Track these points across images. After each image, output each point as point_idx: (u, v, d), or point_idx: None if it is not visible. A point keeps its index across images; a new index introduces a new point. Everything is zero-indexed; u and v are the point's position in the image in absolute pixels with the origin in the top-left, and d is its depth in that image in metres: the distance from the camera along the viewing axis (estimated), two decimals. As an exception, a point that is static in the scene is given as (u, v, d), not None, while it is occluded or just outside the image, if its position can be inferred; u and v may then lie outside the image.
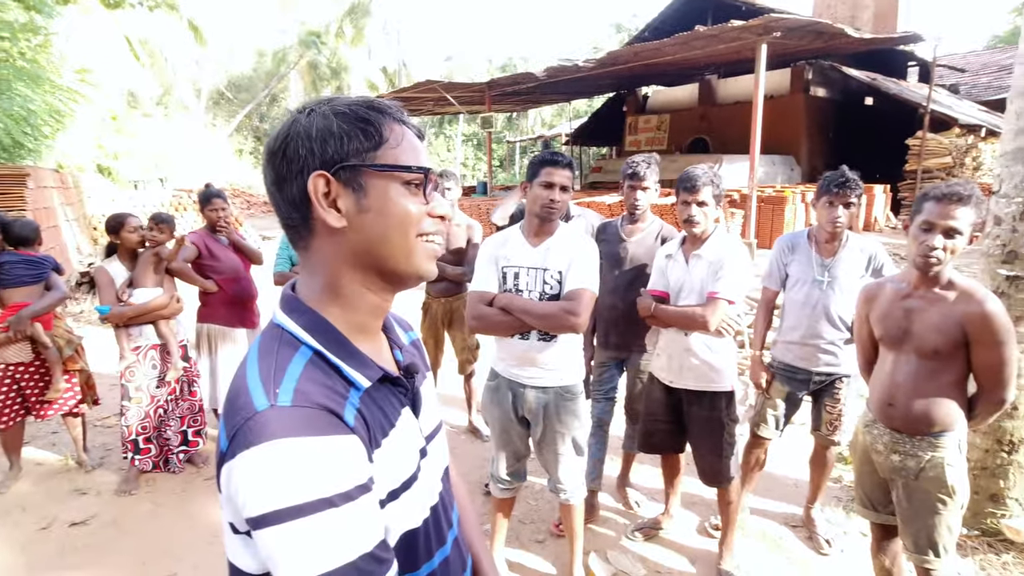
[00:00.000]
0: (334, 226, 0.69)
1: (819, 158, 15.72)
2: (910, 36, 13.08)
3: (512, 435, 2.24)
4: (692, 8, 15.49)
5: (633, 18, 34.94)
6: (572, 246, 2.08)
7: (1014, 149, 2.50)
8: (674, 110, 17.92)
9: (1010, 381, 1.72)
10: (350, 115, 0.70)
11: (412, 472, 0.74)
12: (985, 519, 2.69)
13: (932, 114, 12.59)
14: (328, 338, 0.70)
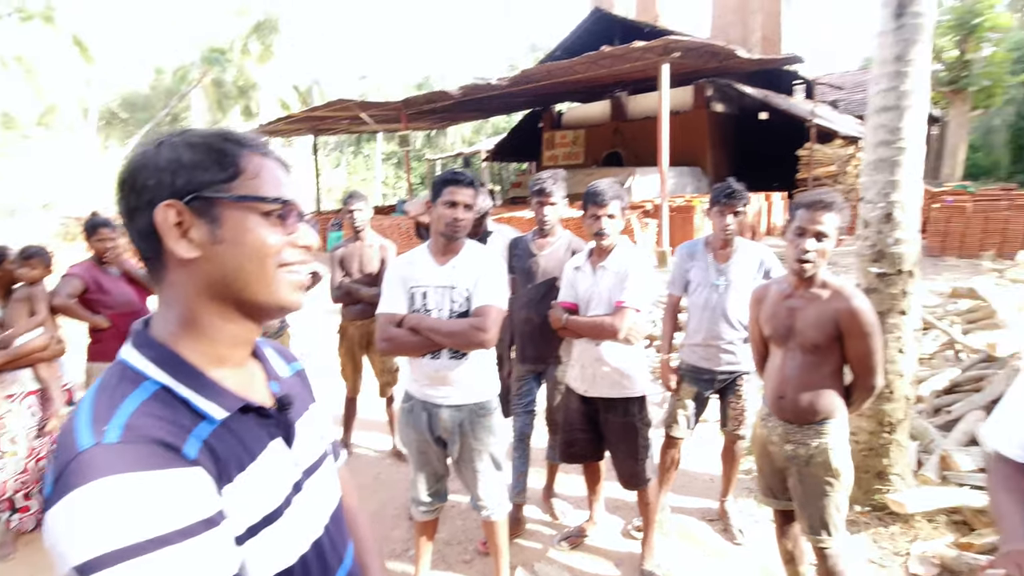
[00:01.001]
0: (185, 257, 0.68)
1: (724, 168, 16.76)
2: (792, 58, 14.32)
3: (430, 456, 2.22)
4: (601, 29, 16.20)
5: (547, 38, 36.08)
6: (478, 263, 2.10)
7: (875, 160, 2.78)
8: (588, 125, 18.58)
9: (878, 368, 1.89)
10: (203, 146, 0.70)
11: (277, 506, 0.71)
12: (874, 495, 2.94)
13: (817, 127, 13.78)
14: (178, 371, 0.68)
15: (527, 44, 38.76)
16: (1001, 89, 17.74)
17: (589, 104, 18.82)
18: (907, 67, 2.67)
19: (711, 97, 16.53)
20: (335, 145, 33.03)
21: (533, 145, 20.59)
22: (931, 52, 4.89)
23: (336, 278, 3.52)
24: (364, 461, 3.83)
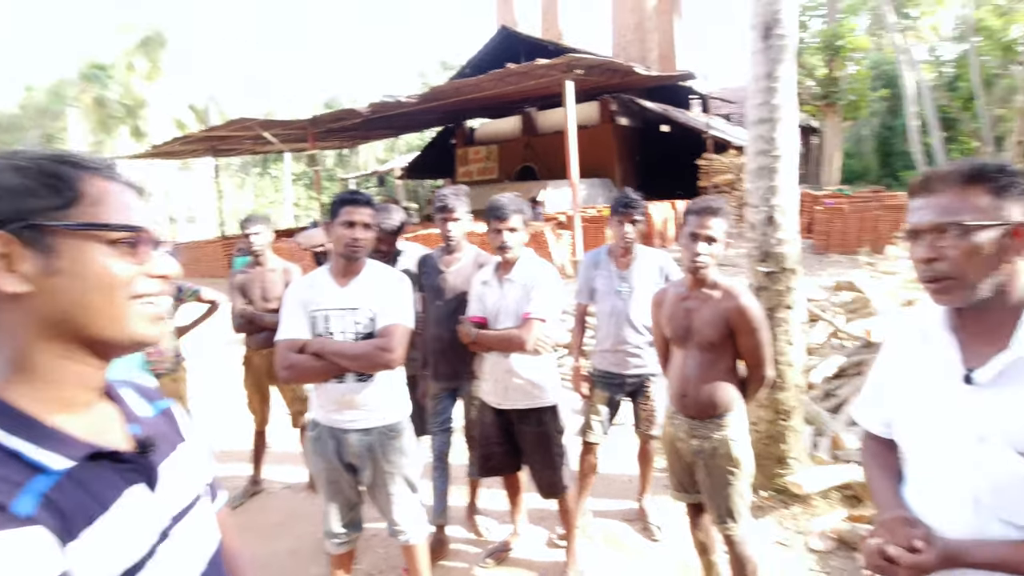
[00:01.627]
0: (13, 292, 0.61)
1: (631, 179, 17.55)
2: (687, 74, 15.30)
3: (341, 484, 2.13)
4: (507, 47, 16.57)
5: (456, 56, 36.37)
6: (381, 283, 2.06)
7: (756, 168, 3.01)
8: (501, 141, 18.89)
9: (768, 360, 2.03)
10: (33, 170, 0.63)
11: (140, 558, 0.66)
12: (776, 480, 3.13)
13: (713, 138, 14.76)
14: (7, 421, 0.61)
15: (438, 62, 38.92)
16: (865, 103, 19.87)
17: (500, 120, 19.15)
18: (776, 83, 2.91)
19: (616, 112, 17.31)
20: (240, 166, 31.44)
21: (447, 162, 20.64)
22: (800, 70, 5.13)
23: (237, 306, 3.33)
24: (278, 497, 3.62)
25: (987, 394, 0.98)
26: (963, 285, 0.97)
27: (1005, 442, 0.95)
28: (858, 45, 18.57)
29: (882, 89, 25.10)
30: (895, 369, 1.17)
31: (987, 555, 0.96)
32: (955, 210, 0.97)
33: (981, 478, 0.99)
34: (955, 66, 26.52)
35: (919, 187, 1.04)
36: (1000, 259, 0.96)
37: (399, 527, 2.18)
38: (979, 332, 1.02)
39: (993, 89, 21.08)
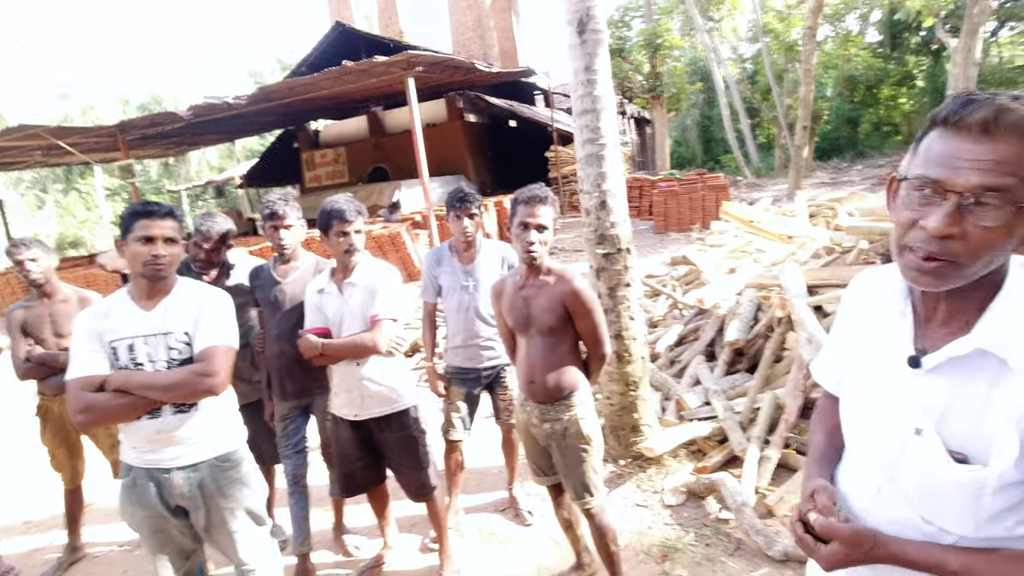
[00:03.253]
0: None
1: (485, 175, 17.84)
2: (527, 71, 15.84)
3: (169, 532, 1.88)
4: (344, 44, 15.93)
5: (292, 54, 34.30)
6: (195, 301, 1.84)
7: (584, 156, 3.17)
8: (348, 142, 18.17)
9: (605, 339, 2.13)
10: None
11: None
12: (632, 447, 3.35)
13: (557, 131, 15.46)
14: None
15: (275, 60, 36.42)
16: (684, 95, 22.08)
17: (346, 120, 18.41)
18: (595, 75, 3.08)
19: (463, 108, 17.44)
20: (34, 181, 26.87)
21: (292, 167, 19.43)
22: (628, 65, 5.47)
23: (20, 349, 2.79)
24: (105, 561, 3.14)
25: (933, 381, 0.84)
26: (960, 273, 0.78)
27: (941, 439, 0.82)
28: (674, 44, 20.54)
29: (698, 83, 28.11)
30: (848, 329, 1.04)
31: (910, 552, 0.86)
32: (1018, 171, 0.73)
33: (908, 472, 0.87)
34: (753, 63, 30.48)
35: (979, 123, 0.74)
36: (1016, 247, 0.78)
37: (248, 567, 1.97)
38: (940, 309, 0.87)
39: (783, 82, 24.53)
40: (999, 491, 0.78)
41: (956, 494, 0.81)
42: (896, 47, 28.19)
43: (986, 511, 0.80)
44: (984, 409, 0.80)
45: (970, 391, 0.81)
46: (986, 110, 0.74)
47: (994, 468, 0.78)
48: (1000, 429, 0.78)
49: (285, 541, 3.05)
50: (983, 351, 0.80)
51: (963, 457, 0.81)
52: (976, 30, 14.11)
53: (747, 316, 4.17)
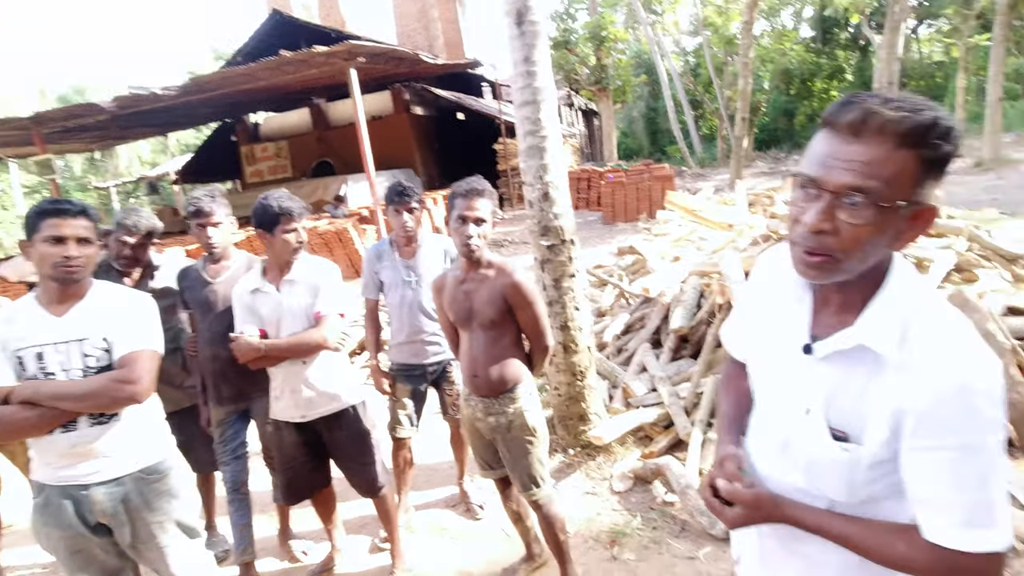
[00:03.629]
0: None
1: (433, 168, 17.65)
2: (472, 62, 15.71)
3: (91, 551, 1.76)
4: (283, 34, 15.38)
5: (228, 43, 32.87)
6: (113, 305, 1.73)
7: (527, 148, 3.16)
8: (290, 136, 17.61)
9: (547, 331, 2.14)
10: None
11: None
12: (580, 436, 3.39)
13: (506, 123, 15.42)
14: None
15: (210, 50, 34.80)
16: (630, 87, 22.41)
17: (287, 113, 17.82)
18: (534, 67, 3.07)
19: (410, 101, 17.17)
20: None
21: (231, 161, 18.66)
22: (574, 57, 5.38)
23: None
24: (32, 584, 2.95)
25: (823, 368, 0.91)
26: (841, 268, 0.83)
27: (825, 419, 0.90)
28: (619, 36, 20.81)
29: (643, 75, 28.64)
30: (754, 305, 1.10)
31: (806, 519, 0.93)
32: (880, 175, 0.77)
33: (798, 445, 0.95)
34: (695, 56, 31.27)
35: (849, 126, 0.79)
36: (892, 244, 0.84)
37: (182, 582, 1.88)
38: (832, 300, 0.92)
39: (723, 75, 25.28)
40: (871, 467, 0.88)
41: (835, 467, 0.90)
42: (827, 42, 29.53)
43: (860, 482, 0.89)
44: (862, 396, 0.87)
45: (852, 379, 0.88)
46: (856, 112, 0.78)
47: (867, 448, 0.87)
48: (874, 415, 0.85)
49: (227, 551, 2.94)
50: (863, 347, 0.86)
51: (843, 435, 0.89)
52: (898, 27, 14.91)
53: (690, 303, 4.28)
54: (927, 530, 0.84)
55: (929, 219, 0.83)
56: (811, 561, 1.00)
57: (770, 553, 1.07)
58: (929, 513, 0.83)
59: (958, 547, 0.80)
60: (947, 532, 0.81)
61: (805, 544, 0.98)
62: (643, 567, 2.48)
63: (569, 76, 20.59)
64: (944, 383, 0.79)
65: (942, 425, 0.79)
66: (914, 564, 0.85)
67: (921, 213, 0.81)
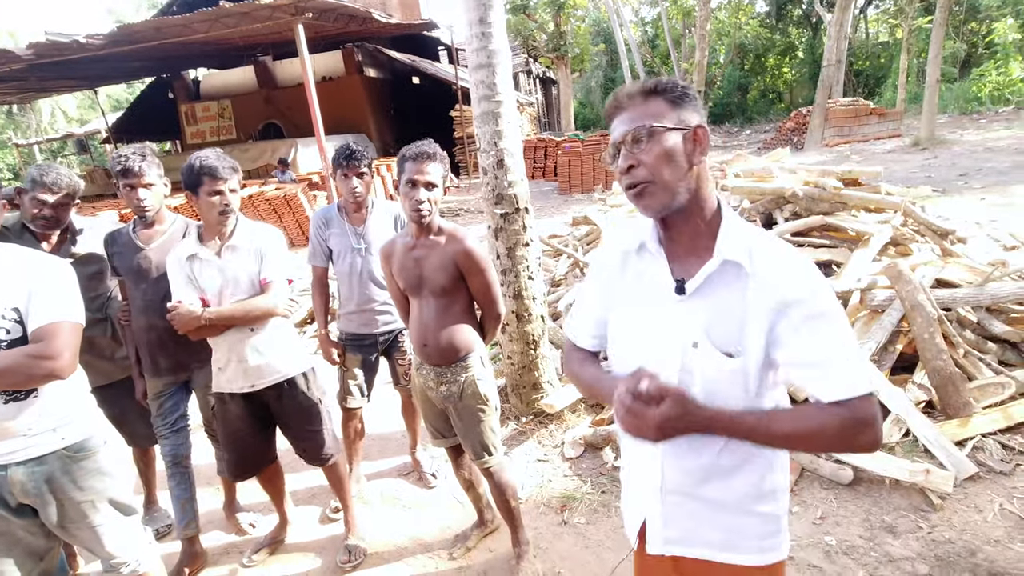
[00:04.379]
0: None
1: (387, 133, 17.14)
2: (428, 23, 15.17)
3: (14, 533, 1.66)
4: (224, -17, 14.41)
5: (162, -9, 30.51)
6: (24, 271, 1.58)
7: (481, 113, 3.07)
8: (234, 95, 16.70)
9: (499, 298, 2.11)
10: None
11: None
12: (534, 404, 3.42)
13: (462, 89, 15.05)
14: None
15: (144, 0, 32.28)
16: (588, 56, 22.23)
17: (230, 71, 16.84)
18: (490, 28, 2.97)
19: (363, 62, 16.51)
20: None
21: (169, 120, 17.59)
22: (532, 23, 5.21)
23: None
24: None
25: (697, 302, 1.05)
26: (661, 187, 1.03)
27: (713, 345, 1.03)
28: (578, 3, 20.51)
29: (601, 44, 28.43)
30: (609, 284, 1.20)
31: (724, 418, 1.00)
32: (642, 118, 1.04)
33: (694, 382, 1.05)
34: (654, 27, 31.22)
35: (612, 107, 1.10)
36: (689, 161, 1.03)
37: (118, 560, 1.80)
38: (685, 244, 1.08)
39: (680, 48, 25.37)
40: (760, 369, 1.04)
41: (730, 380, 1.05)
42: (781, 19, 29.98)
43: (752, 389, 1.05)
44: (736, 311, 1.03)
45: (723, 301, 1.04)
46: (613, 99, 1.10)
47: (752, 354, 1.03)
48: (749, 323, 1.02)
49: (169, 526, 2.85)
50: (727, 261, 1.03)
51: (730, 353, 1.04)
52: (848, 6, 15.27)
53: (642, 274, 4.34)
54: (826, 393, 0.99)
55: (702, 136, 1.05)
56: (712, 503, 1.12)
57: (674, 510, 1.16)
58: (826, 375, 0.99)
59: (855, 393, 0.97)
60: (846, 383, 0.98)
61: (708, 487, 1.11)
62: (592, 529, 2.55)
63: (527, 42, 20.21)
64: (791, 272, 1.01)
65: (804, 300, 0.99)
66: (828, 429, 0.98)
67: (695, 132, 1.04)
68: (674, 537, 1.17)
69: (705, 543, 1.15)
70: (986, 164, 10.39)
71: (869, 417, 0.97)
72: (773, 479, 1.13)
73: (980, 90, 19.21)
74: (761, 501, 1.12)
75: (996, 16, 21.01)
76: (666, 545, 1.18)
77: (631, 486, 1.26)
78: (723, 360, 1.03)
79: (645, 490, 1.19)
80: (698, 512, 1.14)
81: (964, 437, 2.69)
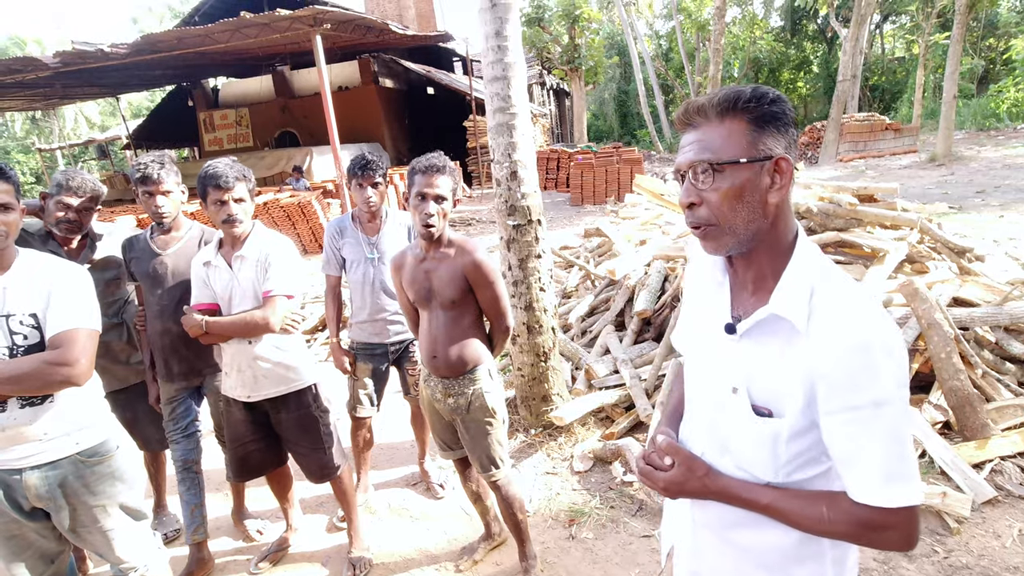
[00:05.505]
0: None
1: (402, 143, 17.29)
2: (443, 35, 15.33)
3: (26, 537, 1.68)
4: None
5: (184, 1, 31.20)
6: (44, 277, 1.61)
7: (495, 125, 3.09)
8: (252, 103, 16.95)
9: (508, 311, 2.11)
10: None
11: None
12: (543, 417, 3.40)
13: (476, 100, 15.17)
14: None
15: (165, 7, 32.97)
16: (601, 68, 22.32)
17: (248, 79, 17.11)
18: (506, 42, 2.99)
19: (378, 72, 16.71)
20: None
21: (188, 128, 17.88)
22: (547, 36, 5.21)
23: None
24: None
25: (747, 346, 0.94)
26: (724, 232, 0.90)
27: (751, 397, 0.93)
28: (592, 16, 20.64)
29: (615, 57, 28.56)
30: (689, 299, 1.14)
31: (734, 489, 0.96)
32: (712, 146, 0.88)
33: (727, 426, 0.98)
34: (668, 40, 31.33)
35: (681, 120, 0.94)
36: (762, 200, 0.89)
37: (127, 564, 1.82)
38: (748, 280, 0.97)
39: (695, 61, 25.42)
40: (791, 439, 0.91)
41: (758, 443, 0.94)
42: (796, 33, 29.97)
43: (783, 458, 0.92)
44: (779, 367, 0.90)
45: (770, 352, 0.92)
46: (681, 111, 0.94)
47: (787, 419, 0.90)
48: (789, 385, 0.89)
49: (178, 530, 2.86)
50: (776, 316, 0.90)
51: (768, 411, 0.92)
52: (864, 21, 15.22)
53: (655, 287, 4.32)
54: (851, 491, 0.87)
55: (785, 169, 0.88)
56: (743, 550, 1.02)
57: (704, 544, 1.08)
58: (850, 474, 0.86)
59: (880, 503, 0.84)
60: (868, 490, 0.85)
61: (739, 532, 1.01)
62: (600, 545, 2.52)
63: (541, 54, 20.35)
64: (845, 344, 0.83)
65: (848, 384, 0.83)
66: (836, 526, 0.88)
67: (777, 165, 0.88)
68: (702, 572, 1.10)
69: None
70: (1004, 181, 10.27)
71: (901, 524, 0.84)
72: (819, 546, 0.97)
73: (998, 106, 19.04)
74: (800, 564, 0.98)
75: (1014, 32, 20.85)
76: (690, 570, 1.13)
77: (669, 508, 1.21)
78: (752, 416, 0.93)
79: (679, 517, 1.14)
80: (728, 554, 1.04)
81: (982, 460, 2.64)
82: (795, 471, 0.93)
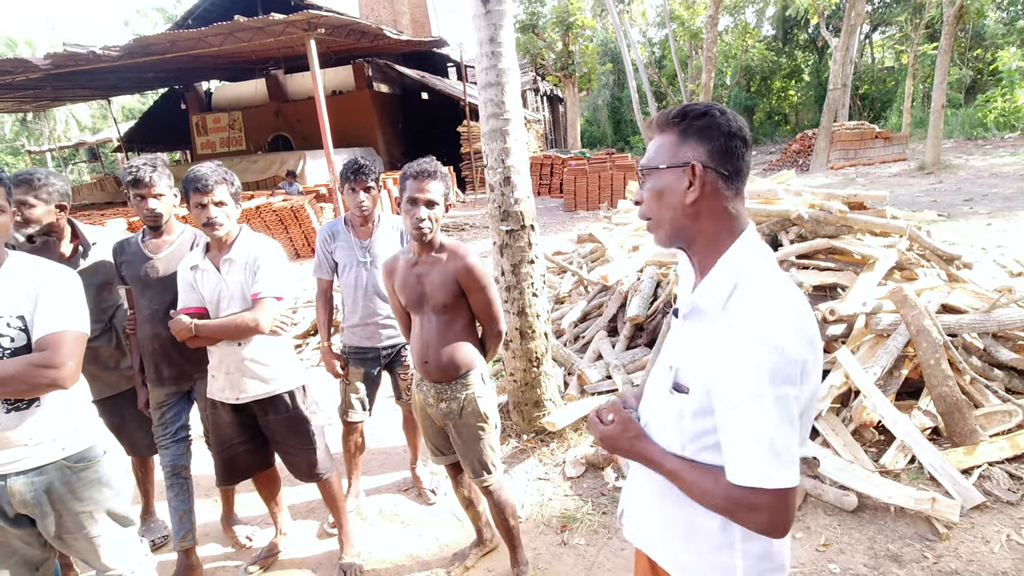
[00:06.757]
0: None
1: (395, 148, 17.29)
2: (438, 41, 15.37)
3: (11, 543, 1.65)
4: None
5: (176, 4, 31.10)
6: (31, 279, 1.59)
7: (489, 131, 3.10)
8: (245, 107, 16.91)
9: (500, 316, 2.11)
10: None
11: None
12: (535, 422, 3.40)
13: (470, 105, 15.21)
14: None
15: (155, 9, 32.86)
16: (595, 75, 22.46)
17: (242, 83, 17.07)
18: (500, 48, 3.01)
19: (372, 77, 16.71)
20: None
21: (181, 131, 17.80)
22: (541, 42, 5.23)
23: None
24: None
25: (687, 328, 1.07)
26: (657, 226, 1.05)
27: (675, 375, 1.05)
28: (586, 23, 20.77)
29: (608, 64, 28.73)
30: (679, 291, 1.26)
31: (651, 453, 1.07)
32: (650, 154, 1.04)
33: (649, 399, 1.13)
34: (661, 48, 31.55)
35: (645, 132, 1.12)
36: (680, 200, 1.00)
37: (115, 571, 1.79)
38: (696, 272, 1.08)
39: (688, 69, 25.60)
40: (695, 416, 1.01)
41: (667, 415, 1.06)
42: (787, 42, 30.28)
43: (687, 433, 1.03)
44: (699, 351, 1.01)
45: (696, 336, 1.03)
46: (647, 121, 1.10)
47: (691, 396, 1.01)
48: (699, 367, 1.00)
49: (166, 537, 2.83)
50: (697, 305, 1.03)
51: (687, 390, 1.02)
52: (853, 31, 15.40)
53: (647, 292, 4.33)
54: (726, 470, 0.96)
55: (698, 173, 0.98)
56: (669, 517, 1.14)
57: (641, 499, 1.22)
58: (726, 453, 0.96)
59: (745, 483, 0.93)
60: (736, 470, 0.94)
61: (665, 502, 1.13)
62: (592, 551, 2.51)
63: (535, 61, 20.44)
64: (741, 338, 0.93)
65: (734, 374, 0.93)
66: (716, 500, 0.97)
67: (690, 170, 0.98)
68: (637, 529, 1.23)
69: (664, 556, 1.17)
70: (992, 190, 10.40)
71: (767, 508, 0.93)
72: (734, 533, 1.05)
73: (985, 116, 19.29)
74: (719, 552, 1.06)
75: (1001, 44, 21.16)
76: (631, 533, 1.25)
77: (628, 476, 1.32)
78: (668, 391, 1.05)
79: (630, 479, 1.27)
80: (658, 520, 1.16)
81: (971, 465, 2.66)
82: (702, 450, 1.02)
